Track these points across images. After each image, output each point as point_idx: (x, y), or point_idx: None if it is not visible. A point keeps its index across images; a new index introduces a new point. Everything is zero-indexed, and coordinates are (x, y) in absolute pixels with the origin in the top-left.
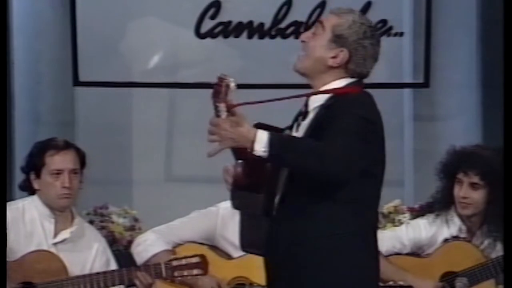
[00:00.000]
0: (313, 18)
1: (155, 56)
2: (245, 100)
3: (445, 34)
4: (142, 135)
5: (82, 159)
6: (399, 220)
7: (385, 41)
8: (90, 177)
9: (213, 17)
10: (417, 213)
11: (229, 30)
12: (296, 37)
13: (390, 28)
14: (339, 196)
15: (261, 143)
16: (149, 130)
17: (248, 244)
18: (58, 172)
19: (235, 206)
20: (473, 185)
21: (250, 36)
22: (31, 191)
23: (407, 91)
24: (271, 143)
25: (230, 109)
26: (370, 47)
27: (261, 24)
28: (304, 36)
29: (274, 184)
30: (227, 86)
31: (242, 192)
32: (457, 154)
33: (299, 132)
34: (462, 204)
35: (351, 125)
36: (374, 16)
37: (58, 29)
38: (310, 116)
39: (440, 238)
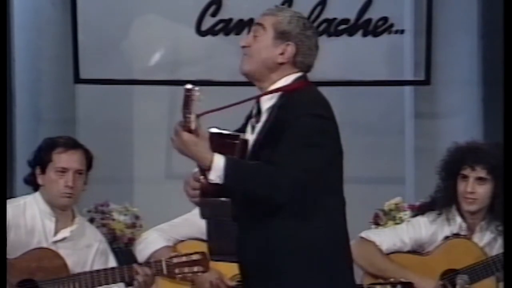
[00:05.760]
0: (314, 15)
1: (156, 53)
2: (245, 96)
3: (446, 32)
4: (143, 133)
5: (89, 160)
6: (400, 217)
7: (386, 38)
8: (91, 174)
9: (214, 15)
10: (418, 211)
11: (230, 27)
12: None
13: (391, 25)
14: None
15: (217, 171)
16: (150, 128)
17: (217, 252)
18: (63, 171)
19: (205, 215)
20: (479, 180)
21: None
22: (35, 186)
23: (408, 89)
24: (227, 173)
25: (198, 118)
26: (312, 36)
27: None
28: (244, 41)
29: None
30: (197, 96)
31: (210, 199)
32: (461, 150)
33: (254, 135)
34: (468, 200)
35: (306, 131)
36: (375, 13)
37: (59, 26)
38: (264, 117)
39: (441, 236)
